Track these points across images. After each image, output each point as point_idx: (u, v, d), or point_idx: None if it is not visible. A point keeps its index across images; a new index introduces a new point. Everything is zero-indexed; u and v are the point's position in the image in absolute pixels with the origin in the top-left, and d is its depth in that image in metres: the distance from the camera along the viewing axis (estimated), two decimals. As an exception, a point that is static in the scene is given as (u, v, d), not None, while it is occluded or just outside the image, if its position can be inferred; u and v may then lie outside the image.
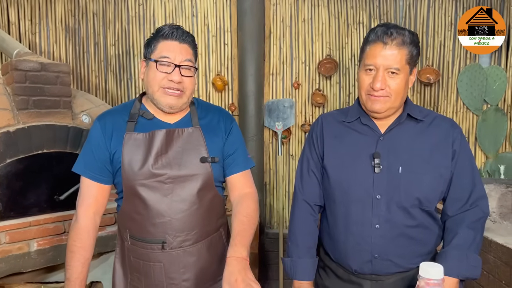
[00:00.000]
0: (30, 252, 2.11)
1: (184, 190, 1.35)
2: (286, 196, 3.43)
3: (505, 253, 2.31)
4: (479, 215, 1.33)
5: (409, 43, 1.27)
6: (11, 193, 2.12)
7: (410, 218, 1.31)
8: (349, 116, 1.42)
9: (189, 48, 1.37)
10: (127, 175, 1.34)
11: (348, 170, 1.36)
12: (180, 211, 1.35)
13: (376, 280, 1.36)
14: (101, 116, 1.42)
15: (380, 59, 1.27)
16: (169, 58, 1.32)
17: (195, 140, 1.38)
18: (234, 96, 3.35)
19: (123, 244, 1.47)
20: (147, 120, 1.39)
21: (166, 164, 1.34)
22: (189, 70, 1.36)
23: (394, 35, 1.25)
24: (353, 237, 1.35)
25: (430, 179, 1.31)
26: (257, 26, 3.16)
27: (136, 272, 1.42)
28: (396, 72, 1.27)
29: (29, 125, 2.12)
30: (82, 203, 1.38)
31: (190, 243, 1.38)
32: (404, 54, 1.27)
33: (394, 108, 1.33)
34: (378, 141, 1.35)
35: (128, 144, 1.35)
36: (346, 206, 1.36)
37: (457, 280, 1.26)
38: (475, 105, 3.26)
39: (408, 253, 1.33)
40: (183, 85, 1.34)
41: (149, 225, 1.36)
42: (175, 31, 1.34)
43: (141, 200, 1.35)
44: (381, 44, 1.26)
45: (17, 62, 2.14)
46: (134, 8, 3.24)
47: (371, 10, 3.28)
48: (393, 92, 1.28)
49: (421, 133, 1.35)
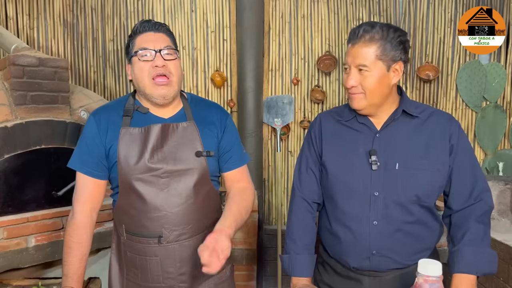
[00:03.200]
0: (28, 248, 2.10)
1: (180, 184, 1.36)
2: (285, 192, 3.43)
3: (503, 250, 2.31)
4: (485, 208, 1.33)
5: (379, 39, 1.27)
6: (9, 188, 2.11)
7: (408, 214, 1.32)
8: (345, 116, 1.43)
9: (165, 35, 1.39)
10: (123, 170, 1.34)
11: (346, 167, 1.37)
12: (176, 205, 1.36)
13: (375, 276, 1.36)
14: (96, 112, 1.42)
15: (350, 57, 1.31)
16: (148, 48, 1.34)
17: (190, 134, 1.39)
18: (233, 92, 3.34)
19: (119, 240, 1.46)
20: (142, 115, 1.40)
21: (162, 159, 1.34)
22: (170, 54, 1.37)
23: (360, 33, 1.28)
24: (351, 233, 1.35)
25: (427, 175, 1.31)
26: (256, 22, 3.15)
27: (133, 267, 1.43)
28: (365, 69, 1.28)
29: (27, 120, 2.11)
30: (78, 199, 1.38)
31: (187, 237, 1.39)
32: (373, 50, 1.27)
33: (374, 105, 1.33)
34: (374, 138, 1.35)
35: (124, 139, 1.35)
36: (344, 203, 1.37)
37: (475, 277, 1.26)
38: (474, 102, 3.26)
39: (407, 249, 1.33)
40: (168, 68, 1.35)
41: (145, 220, 1.36)
42: (147, 24, 1.38)
43: (137, 195, 1.35)
44: (351, 44, 1.31)
45: (15, 57, 2.13)
46: (133, 4, 3.22)
47: (371, 7, 3.27)
48: (365, 89, 1.30)
49: (417, 129, 1.35)
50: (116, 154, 1.34)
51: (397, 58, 1.29)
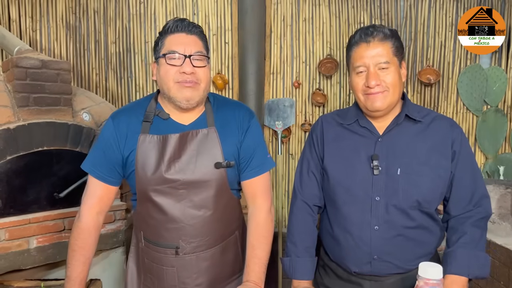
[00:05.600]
0: (30, 249, 2.11)
1: (198, 196, 1.31)
2: (286, 195, 3.43)
3: (503, 254, 2.31)
4: (483, 214, 1.34)
5: (390, 37, 1.31)
6: (11, 190, 2.12)
7: (409, 219, 1.32)
8: (347, 119, 1.43)
9: (198, 39, 1.31)
10: (140, 179, 1.30)
11: (347, 171, 1.37)
12: (193, 217, 1.32)
13: (376, 281, 1.36)
14: (115, 115, 1.37)
15: (367, 57, 1.30)
16: (177, 52, 1.26)
17: (210, 142, 1.32)
18: (234, 95, 3.34)
19: (137, 244, 1.45)
20: (162, 120, 1.34)
21: (179, 170, 1.29)
22: (200, 60, 1.29)
23: (374, 33, 1.30)
24: (352, 238, 1.35)
25: (428, 180, 1.31)
26: (258, 25, 3.16)
27: (149, 273, 1.41)
28: (386, 66, 1.29)
29: (30, 122, 2.12)
30: (86, 202, 1.36)
31: (204, 248, 1.35)
32: (389, 47, 1.30)
33: (394, 103, 1.33)
34: (376, 143, 1.35)
35: (142, 147, 1.30)
36: (345, 207, 1.37)
37: (466, 279, 1.26)
38: (475, 105, 3.26)
39: (408, 254, 1.33)
40: (197, 76, 1.28)
41: (162, 230, 1.33)
42: (180, 23, 1.29)
43: (154, 205, 1.31)
44: (365, 44, 1.30)
45: (18, 59, 2.13)
46: (135, 6, 3.24)
47: (372, 10, 3.28)
48: (390, 85, 1.30)
49: (420, 134, 1.35)
50: (134, 162, 1.30)
51: (403, 56, 1.35)
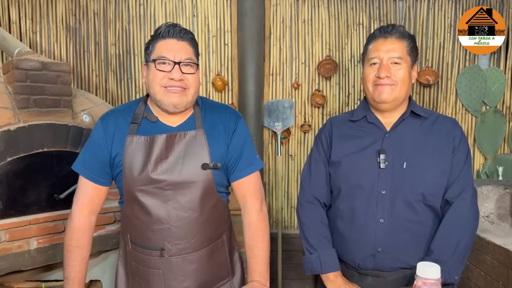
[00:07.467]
0: (30, 250, 2.11)
1: (184, 197, 1.31)
2: (285, 196, 3.44)
3: (502, 254, 2.32)
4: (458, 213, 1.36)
5: (407, 37, 1.40)
6: (11, 191, 2.12)
7: (414, 213, 1.36)
8: (355, 115, 1.49)
9: (189, 45, 1.32)
10: (127, 180, 1.31)
11: (354, 165, 1.42)
12: (179, 218, 1.31)
13: (378, 276, 1.39)
14: (104, 116, 1.39)
15: (383, 51, 1.38)
16: (167, 59, 1.27)
17: (198, 144, 1.33)
18: (234, 96, 3.35)
19: (125, 247, 1.45)
20: (150, 123, 1.35)
21: (166, 170, 1.29)
22: (190, 66, 1.30)
23: (393, 31, 1.40)
24: (358, 230, 1.39)
25: (433, 174, 1.36)
26: (257, 26, 3.17)
27: (137, 276, 1.41)
28: (399, 62, 1.37)
29: (30, 123, 2.13)
30: (77, 202, 1.37)
31: (190, 250, 1.34)
32: (404, 45, 1.39)
33: (400, 98, 1.40)
34: (384, 138, 1.41)
35: (130, 148, 1.31)
36: (351, 200, 1.41)
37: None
38: (474, 106, 3.27)
39: (411, 248, 1.37)
40: (186, 82, 1.29)
41: (148, 231, 1.33)
42: (172, 29, 1.29)
43: (140, 206, 1.31)
44: (382, 39, 1.39)
45: (18, 61, 2.14)
46: (135, 8, 3.25)
47: (371, 11, 3.29)
48: (399, 80, 1.37)
49: (425, 130, 1.42)
50: (121, 163, 1.30)
51: (416, 59, 1.44)
